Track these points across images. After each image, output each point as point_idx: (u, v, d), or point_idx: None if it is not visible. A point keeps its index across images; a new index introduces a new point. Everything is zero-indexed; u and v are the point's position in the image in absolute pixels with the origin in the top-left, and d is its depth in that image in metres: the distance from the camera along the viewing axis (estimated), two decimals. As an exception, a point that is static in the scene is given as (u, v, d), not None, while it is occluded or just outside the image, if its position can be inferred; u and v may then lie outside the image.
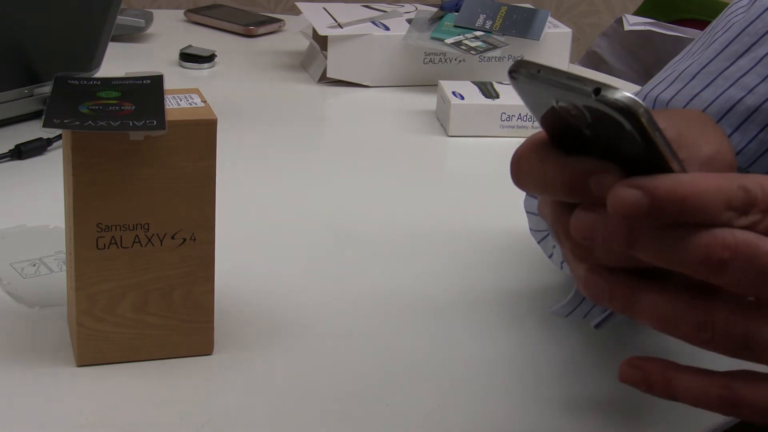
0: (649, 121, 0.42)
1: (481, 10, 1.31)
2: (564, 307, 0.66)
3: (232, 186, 0.86)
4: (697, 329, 0.45)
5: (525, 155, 0.47)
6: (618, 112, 0.41)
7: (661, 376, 0.47)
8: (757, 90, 0.65)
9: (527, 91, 0.45)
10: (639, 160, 0.44)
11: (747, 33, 0.67)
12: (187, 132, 0.63)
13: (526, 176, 0.47)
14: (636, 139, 0.42)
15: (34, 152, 1.00)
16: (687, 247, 0.43)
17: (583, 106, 0.43)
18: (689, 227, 0.43)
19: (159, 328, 0.66)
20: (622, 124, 0.42)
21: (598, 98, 0.41)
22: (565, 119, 0.45)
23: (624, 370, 0.47)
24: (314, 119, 1.22)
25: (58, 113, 0.62)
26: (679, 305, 0.45)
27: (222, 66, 1.33)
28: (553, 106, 0.44)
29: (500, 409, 0.66)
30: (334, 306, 0.76)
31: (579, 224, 0.45)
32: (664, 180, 0.43)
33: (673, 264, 0.44)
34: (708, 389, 0.46)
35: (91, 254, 0.64)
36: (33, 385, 0.65)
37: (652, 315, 0.45)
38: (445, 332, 0.74)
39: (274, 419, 0.63)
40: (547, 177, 0.46)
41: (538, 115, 0.46)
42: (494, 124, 1.12)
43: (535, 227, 0.76)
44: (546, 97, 0.44)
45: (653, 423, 0.65)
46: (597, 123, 0.43)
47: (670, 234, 0.43)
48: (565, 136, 0.46)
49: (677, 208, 0.43)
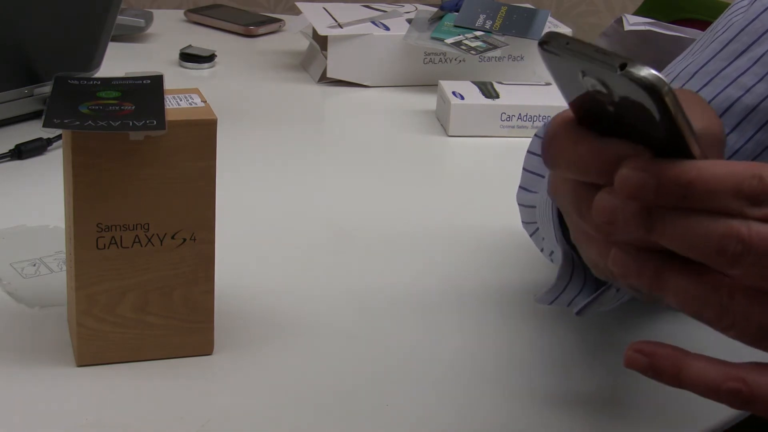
0: (672, 101, 0.42)
1: (481, 10, 1.31)
2: (547, 295, 0.66)
3: (232, 186, 0.87)
4: (720, 314, 0.44)
5: (558, 136, 0.47)
6: (642, 88, 0.41)
7: (671, 362, 0.46)
8: (755, 89, 0.65)
9: (556, 64, 0.45)
10: (660, 142, 0.43)
11: (746, 32, 0.67)
12: (187, 132, 0.63)
13: (559, 157, 0.47)
14: (658, 118, 0.42)
15: (34, 152, 1.00)
16: (702, 236, 0.43)
17: (608, 82, 0.43)
18: (706, 216, 0.43)
19: (159, 328, 0.66)
20: (645, 102, 0.42)
21: (623, 73, 0.41)
22: (591, 96, 0.44)
23: (630, 355, 0.47)
24: (314, 119, 1.22)
25: (58, 113, 0.62)
26: (704, 288, 0.44)
27: (222, 66, 1.33)
28: (580, 82, 0.44)
29: (499, 406, 0.66)
30: (334, 306, 0.76)
31: (601, 207, 0.45)
32: (673, 163, 0.43)
33: (689, 252, 0.44)
34: (720, 380, 0.45)
35: (91, 254, 0.64)
36: (33, 385, 0.65)
37: (678, 296, 0.45)
38: (446, 332, 0.74)
39: (273, 419, 0.63)
40: (581, 159, 0.46)
41: (565, 91, 0.46)
42: (494, 124, 1.12)
43: (527, 219, 0.76)
44: (574, 71, 0.44)
45: (644, 418, 0.65)
46: (621, 100, 0.43)
47: (686, 222, 0.43)
48: (591, 114, 0.46)
49: (683, 192, 0.43)
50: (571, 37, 0.44)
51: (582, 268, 0.64)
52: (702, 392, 0.46)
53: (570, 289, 0.65)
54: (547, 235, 0.67)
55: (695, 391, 0.46)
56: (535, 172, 0.75)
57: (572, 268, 0.64)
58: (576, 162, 0.46)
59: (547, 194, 0.65)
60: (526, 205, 0.75)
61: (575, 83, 0.45)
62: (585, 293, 0.65)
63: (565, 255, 0.63)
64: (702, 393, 0.46)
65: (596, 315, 0.74)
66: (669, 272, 0.45)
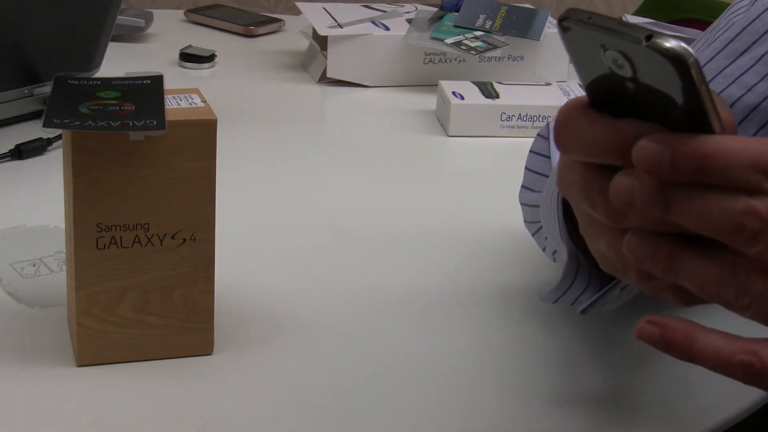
0: (698, 73, 0.41)
1: (481, 10, 1.31)
2: (551, 293, 0.66)
3: (232, 186, 0.86)
4: (738, 294, 0.44)
5: (572, 118, 0.47)
6: (668, 59, 0.40)
7: (683, 334, 0.45)
8: (756, 88, 0.65)
9: (575, 42, 0.44)
10: (679, 122, 0.43)
11: (747, 32, 0.67)
12: (187, 132, 0.63)
13: (573, 139, 0.47)
14: (681, 93, 0.41)
15: (34, 152, 1.00)
16: (721, 214, 0.43)
17: (631, 55, 0.42)
18: (724, 194, 0.43)
19: (159, 328, 0.66)
20: (669, 76, 0.41)
21: (649, 44, 0.41)
22: (610, 75, 0.44)
23: (641, 327, 0.46)
24: (314, 119, 1.22)
25: (58, 113, 0.62)
26: (722, 269, 0.44)
27: (222, 66, 1.33)
28: (600, 59, 0.43)
29: (500, 406, 0.66)
30: (334, 306, 0.76)
31: (618, 189, 0.44)
32: (691, 136, 0.43)
33: (707, 231, 0.43)
34: (733, 354, 0.44)
35: (91, 254, 0.64)
36: (33, 385, 0.65)
37: (694, 279, 0.45)
38: (446, 332, 0.74)
39: (273, 419, 0.63)
40: (597, 140, 0.46)
41: (582, 71, 0.46)
42: (494, 124, 1.12)
43: (530, 219, 0.76)
44: (594, 47, 0.43)
45: (647, 418, 0.65)
46: (642, 76, 0.42)
47: (704, 200, 0.43)
48: (607, 97, 0.45)
49: (700, 165, 0.42)
50: (592, 12, 0.43)
51: (587, 267, 0.64)
52: (713, 366, 0.45)
53: (574, 287, 0.65)
54: (551, 234, 0.67)
55: (706, 364, 0.45)
56: (538, 171, 0.75)
57: (577, 267, 0.64)
58: (591, 143, 0.46)
59: (552, 192, 0.65)
60: (528, 204, 0.75)
61: (594, 62, 0.44)
62: (589, 292, 0.65)
63: (570, 253, 0.63)
64: (713, 366, 0.45)
65: (599, 315, 0.74)
66: (684, 255, 0.45)
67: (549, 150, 0.73)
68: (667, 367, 0.69)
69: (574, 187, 0.48)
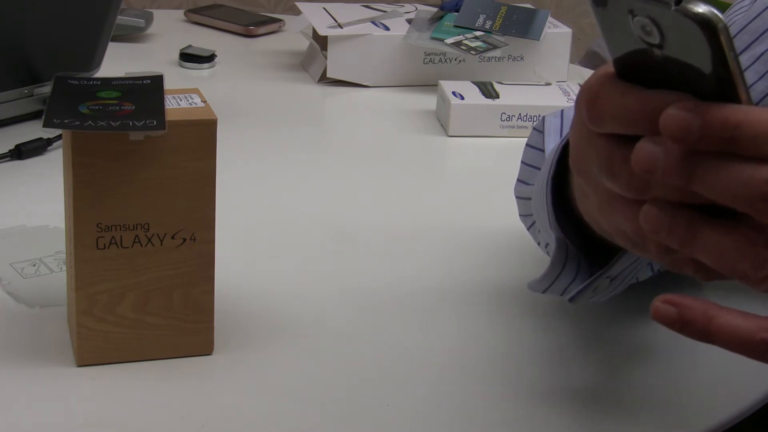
0: (726, 38, 0.41)
1: (481, 10, 1.31)
2: (540, 282, 0.66)
3: (232, 186, 0.87)
4: (755, 267, 0.43)
5: (603, 90, 0.46)
6: (698, 23, 0.40)
7: (701, 313, 0.44)
8: (756, 87, 0.65)
9: (605, 14, 0.44)
10: (707, 92, 0.43)
11: (747, 31, 0.67)
12: (187, 132, 0.63)
13: (606, 111, 0.46)
14: (710, 59, 0.41)
15: (34, 152, 1.00)
16: (745, 183, 0.42)
17: (660, 20, 0.42)
18: (749, 162, 0.42)
19: (159, 328, 0.66)
20: (697, 41, 0.41)
21: (678, 8, 0.40)
22: (638, 48, 0.44)
23: (658, 306, 0.45)
24: (314, 119, 1.22)
25: (58, 113, 0.62)
26: (739, 241, 0.44)
27: (222, 66, 1.33)
28: (630, 28, 0.43)
29: (501, 405, 0.66)
30: (334, 306, 0.76)
31: (641, 155, 0.44)
32: (720, 105, 0.42)
33: (730, 200, 0.43)
34: (752, 332, 0.44)
35: (91, 254, 0.64)
36: (33, 385, 0.65)
37: (712, 251, 0.44)
38: (446, 332, 0.74)
39: (273, 419, 0.63)
40: (628, 111, 0.45)
41: (612, 44, 0.45)
42: (494, 124, 1.12)
43: (524, 212, 0.76)
44: (623, 14, 0.43)
45: (642, 415, 0.65)
46: (671, 43, 0.42)
47: (728, 169, 0.43)
48: (635, 68, 0.45)
49: (729, 135, 0.42)
50: None
51: (575, 256, 0.64)
52: (732, 345, 0.44)
53: (563, 276, 0.64)
54: (542, 224, 0.67)
55: (725, 343, 0.44)
56: (534, 165, 0.75)
57: (566, 255, 0.63)
58: (623, 114, 0.46)
59: (543, 181, 0.65)
60: (523, 197, 0.75)
61: (624, 33, 0.44)
62: (578, 281, 0.65)
63: (558, 241, 0.63)
64: (732, 346, 0.44)
65: (593, 312, 0.74)
66: (701, 227, 0.44)
67: (544, 144, 0.73)
68: (667, 366, 0.69)
69: (596, 159, 0.48)
